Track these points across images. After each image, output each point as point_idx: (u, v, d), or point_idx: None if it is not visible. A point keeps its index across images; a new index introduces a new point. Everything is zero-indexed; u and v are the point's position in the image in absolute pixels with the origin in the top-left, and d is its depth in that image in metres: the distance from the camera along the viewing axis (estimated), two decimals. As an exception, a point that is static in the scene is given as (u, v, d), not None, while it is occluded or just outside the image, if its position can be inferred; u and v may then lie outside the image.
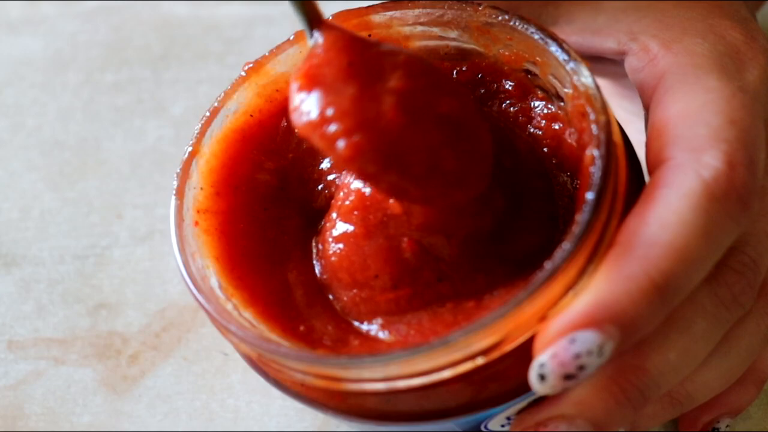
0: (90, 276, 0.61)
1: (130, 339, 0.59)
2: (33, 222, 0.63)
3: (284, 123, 0.48)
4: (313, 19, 0.43)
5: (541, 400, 0.43)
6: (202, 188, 0.47)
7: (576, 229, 0.40)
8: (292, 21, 0.51)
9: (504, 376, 0.42)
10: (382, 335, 0.44)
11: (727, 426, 0.51)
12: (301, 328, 0.44)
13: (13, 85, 0.69)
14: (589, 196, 0.41)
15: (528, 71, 0.47)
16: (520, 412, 0.44)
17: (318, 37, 0.43)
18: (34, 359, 0.59)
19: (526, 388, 0.42)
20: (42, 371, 0.58)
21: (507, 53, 0.47)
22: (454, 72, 0.48)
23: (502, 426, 0.46)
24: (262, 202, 0.47)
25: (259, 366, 0.46)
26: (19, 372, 0.58)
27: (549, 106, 0.46)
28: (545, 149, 0.46)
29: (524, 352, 0.41)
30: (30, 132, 0.67)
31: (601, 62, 0.49)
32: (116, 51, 0.70)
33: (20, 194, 0.65)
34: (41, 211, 0.64)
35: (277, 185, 0.48)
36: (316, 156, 0.48)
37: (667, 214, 0.41)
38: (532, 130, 0.47)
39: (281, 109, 0.48)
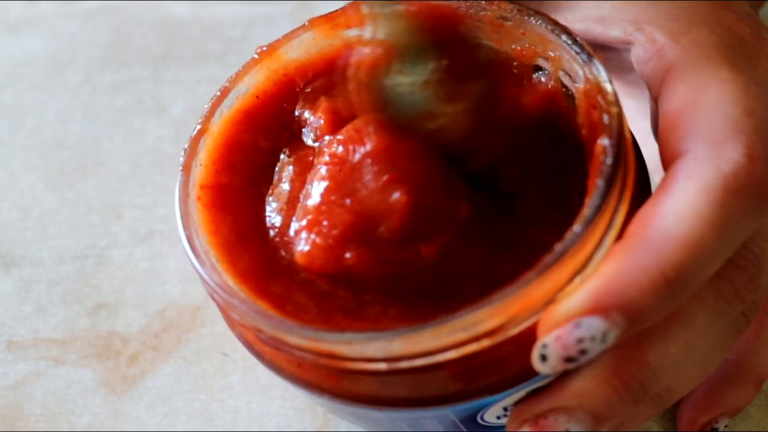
0: (89, 276, 0.61)
1: (129, 339, 0.59)
2: (32, 222, 0.63)
3: (285, 105, 0.49)
4: None
5: (539, 391, 0.43)
6: (205, 165, 0.47)
7: (586, 212, 0.41)
8: (292, 21, 0.51)
9: (503, 363, 0.42)
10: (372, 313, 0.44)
11: (725, 426, 0.50)
12: (288, 306, 0.44)
13: (13, 85, 0.69)
14: (600, 182, 0.41)
15: (539, 67, 0.47)
16: (517, 403, 0.44)
17: None
18: (33, 360, 0.59)
19: (524, 377, 0.42)
20: (41, 372, 0.58)
21: (519, 48, 0.47)
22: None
23: (498, 418, 0.45)
24: (252, 179, 0.48)
25: (253, 346, 0.46)
26: (18, 372, 0.58)
27: (561, 103, 0.46)
28: (559, 143, 0.46)
29: (524, 340, 0.41)
30: (29, 132, 0.67)
31: (603, 52, 0.49)
32: (116, 51, 0.70)
33: (20, 194, 0.65)
34: (41, 211, 0.64)
35: (267, 162, 0.48)
36: (308, 135, 0.49)
37: (683, 207, 0.41)
38: (545, 125, 0.47)
39: (285, 92, 0.49)
